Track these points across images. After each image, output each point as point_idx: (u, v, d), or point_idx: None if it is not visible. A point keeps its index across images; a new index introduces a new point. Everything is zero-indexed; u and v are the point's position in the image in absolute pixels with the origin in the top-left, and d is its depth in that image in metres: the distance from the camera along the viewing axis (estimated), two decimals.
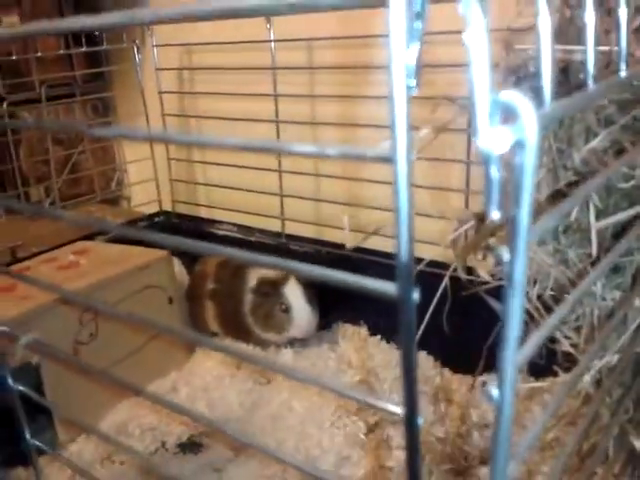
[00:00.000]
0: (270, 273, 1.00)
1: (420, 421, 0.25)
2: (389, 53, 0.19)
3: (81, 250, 1.04)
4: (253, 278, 1.01)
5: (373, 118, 0.98)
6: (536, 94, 0.23)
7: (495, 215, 0.20)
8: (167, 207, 1.32)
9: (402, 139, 0.19)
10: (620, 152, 0.45)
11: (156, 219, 1.30)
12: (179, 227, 1.27)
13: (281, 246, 1.12)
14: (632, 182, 0.44)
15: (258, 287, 1.00)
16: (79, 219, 0.51)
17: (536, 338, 0.24)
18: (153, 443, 0.85)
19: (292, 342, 1.02)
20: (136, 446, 0.85)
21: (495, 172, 0.19)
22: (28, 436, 0.86)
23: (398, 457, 0.72)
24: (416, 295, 0.23)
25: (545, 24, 0.22)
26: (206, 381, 0.95)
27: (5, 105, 1.28)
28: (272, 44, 1.06)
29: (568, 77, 0.52)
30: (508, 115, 0.19)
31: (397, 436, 0.74)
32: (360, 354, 0.98)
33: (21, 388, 0.61)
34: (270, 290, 0.99)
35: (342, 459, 0.74)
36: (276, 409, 0.86)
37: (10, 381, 0.54)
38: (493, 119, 0.19)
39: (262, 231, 1.17)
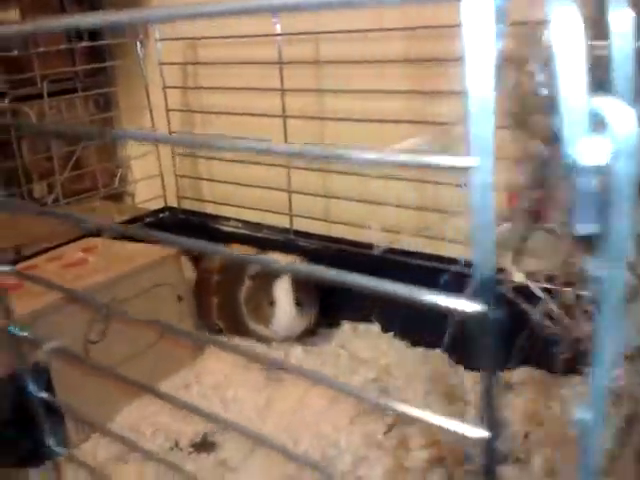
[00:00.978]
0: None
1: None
2: (469, 47, 0.18)
3: (88, 247, 1.03)
4: (255, 266, 1.00)
5: (384, 112, 0.97)
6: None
7: (585, 229, 0.19)
8: (172, 203, 1.30)
9: (487, 141, 0.18)
10: None
11: (161, 215, 1.29)
12: (185, 223, 1.26)
13: (289, 242, 1.11)
14: None
15: (255, 275, 0.99)
16: (87, 219, 0.50)
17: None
18: (166, 442, 0.84)
19: (300, 339, 1.01)
20: (149, 445, 0.84)
21: (589, 184, 0.18)
22: (41, 437, 0.85)
23: (417, 457, 0.71)
24: (499, 314, 0.22)
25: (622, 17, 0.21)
26: (218, 379, 0.94)
27: (7, 101, 1.27)
28: (279, 38, 1.05)
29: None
30: (598, 122, 0.18)
31: (416, 436, 0.74)
32: (372, 351, 0.97)
33: (34, 389, 0.60)
34: (264, 281, 0.98)
35: (359, 459, 0.73)
36: (290, 407, 0.86)
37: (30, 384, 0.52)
38: (587, 127, 0.18)
39: (270, 227, 1.16)
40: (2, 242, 1.13)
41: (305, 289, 0.98)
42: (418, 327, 0.98)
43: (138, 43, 1.21)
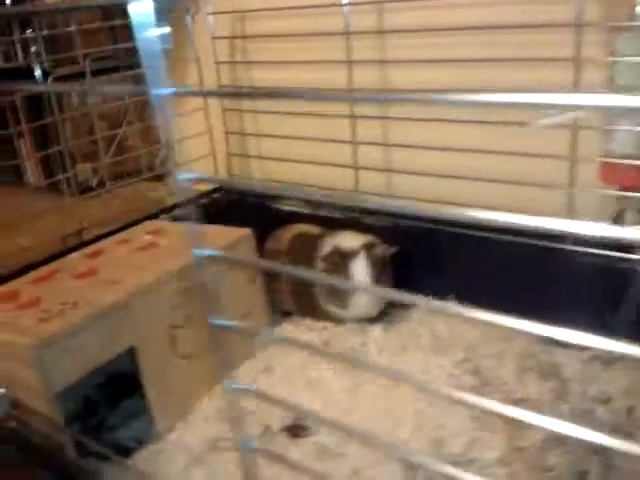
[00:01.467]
0: (345, 244, 0.96)
1: None
2: None
3: (154, 230, 1.00)
4: (328, 246, 0.97)
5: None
6: None
7: None
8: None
9: None
10: None
11: (214, 195, 1.25)
12: (241, 204, 1.23)
13: (354, 220, 1.07)
14: None
15: (329, 256, 0.96)
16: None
17: None
18: (257, 427, 0.82)
19: (374, 319, 0.98)
20: (239, 431, 0.81)
21: None
22: (124, 427, 0.83)
23: (532, 437, 0.69)
24: None
25: None
26: (300, 360, 0.92)
27: (50, 80, 1.23)
28: (344, 8, 1.01)
29: None
30: None
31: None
32: (454, 329, 0.94)
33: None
34: (339, 261, 0.95)
35: (471, 441, 0.71)
36: (382, 387, 0.83)
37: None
38: None
39: (332, 205, 1.12)
40: (59, 228, 1.10)
41: (381, 267, 0.95)
42: (501, 302, 0.95)
43: (190, 16, 1.17)
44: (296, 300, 1.02)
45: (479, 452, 0.70)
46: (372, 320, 0.98)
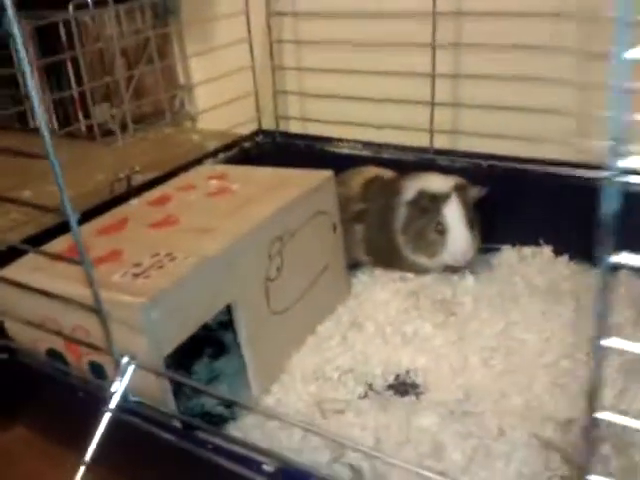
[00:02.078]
0: (433, 186, 0.88)
1: None
2: None
3: (217, 175, 0.89)
4: (412, 190, 0.89)
5: None
6: None
7: None
8: (269, 126, 1.16)
9: None
10: None
11: (257, 139, 1.15)
12: (288, 148, 1.13)
13: (427, 163, 0.99)
14: None
15: (416, 200, 0.88)
16: None
17: None
18: (359, 386, 0.75)
19: (450, 268, 0.92)
20: (340, 391, 0.74)
21: None
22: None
23: None
24: None
25: None
26: (390, 314, 0.84)
27: (71, 8, 1.08)
28: None
29: None
30: None
31: None
32: (549, 277, 0.89)
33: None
34: (429, 205, 0.87)
35: (619, 392, 0.66)
36: (494, 338, 0.77)
37: None
38: None
39: (397, 147, 1.04)
40: (100, 175, 0.98)
41: (473, 211, 0.88)
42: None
43: None
44: (373, 249, 0.94)
45: (628, 403, 0.65)
46: (456, 270, 0.91)
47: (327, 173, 0.84)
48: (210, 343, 0.83)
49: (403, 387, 0.75)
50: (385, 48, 1.02)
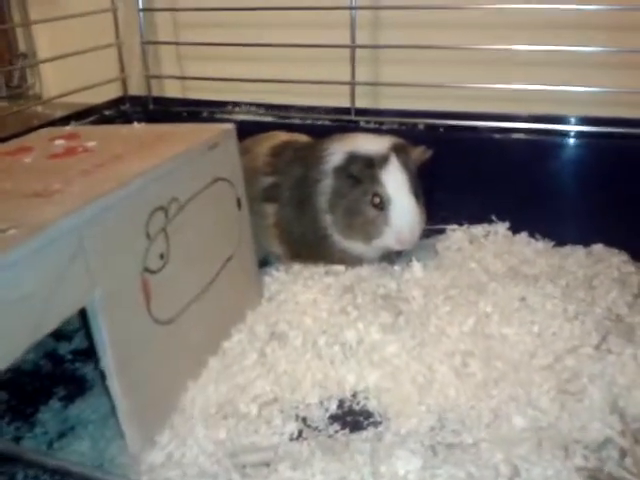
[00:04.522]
0: (366, 147, 0.67)
1: None
2: None
3: (65, 135, 0.62)
4: (338, 155, 0.68)
5: None
6: None
7: None
8: (136, 91, 0.90)
9: None
10: None
11: (123, 108, 0.88)
12: (166, 117, 0.87)
13: (349, 126, 0.79)
14: None
15: (344, 167, 0.67)
16: None
17: None
18: (289, 422, 0.51)
19: (387, 258, 0.71)
20: (263, 432, 0.50)
21: None
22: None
23: None
24: None
25: None
26: (321, 318, 0.62)
27: None
28: None
29: None
30: None
31: None
32: (510, 259, 0.71)
33: None
34: (362, 172, 0.66)
35: None
36: (457, 356, 0.57)
37: None
38: None
39: (310, 109, 0.82)
40: None
41: (415, 178, 0.68)
42: (559, 223, 0.74)
43: None
44: (289, 237, 0.71)
45: None
46: (393, 260, 0.71)
47: (226, 126, 0.61)
48: (62, 380, 0.56)
49: (352, 418, 0.53)
50: None
